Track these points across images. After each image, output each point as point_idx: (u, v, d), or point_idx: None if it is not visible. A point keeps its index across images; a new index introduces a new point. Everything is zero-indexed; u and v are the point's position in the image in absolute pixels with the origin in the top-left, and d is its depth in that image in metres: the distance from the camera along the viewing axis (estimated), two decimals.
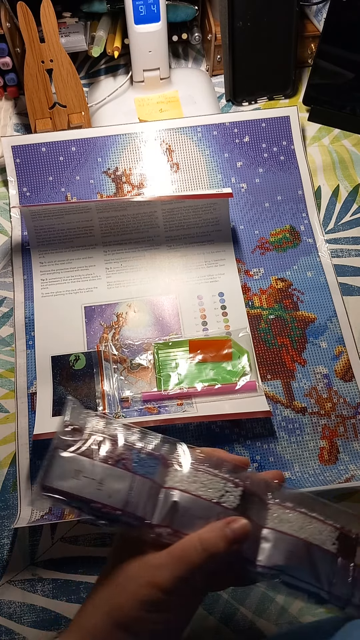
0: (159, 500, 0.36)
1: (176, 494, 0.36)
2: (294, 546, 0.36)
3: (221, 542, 0.34)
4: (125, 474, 0.36)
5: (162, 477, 0.37)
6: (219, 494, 0.37)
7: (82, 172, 0.71)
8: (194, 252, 0.68)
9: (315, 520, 0.38)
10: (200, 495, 0.36)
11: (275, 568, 0.36)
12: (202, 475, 0.37)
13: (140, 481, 0.36)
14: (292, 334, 0.64)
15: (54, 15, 0.65)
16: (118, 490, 0.35)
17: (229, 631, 0.52)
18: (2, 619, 0.52)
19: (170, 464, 0.38)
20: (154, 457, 0.37)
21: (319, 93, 0.76)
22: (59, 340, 0.62)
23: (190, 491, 0.36)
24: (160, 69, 0.75)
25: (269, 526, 0.37)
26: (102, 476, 0.35)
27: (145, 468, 0.37)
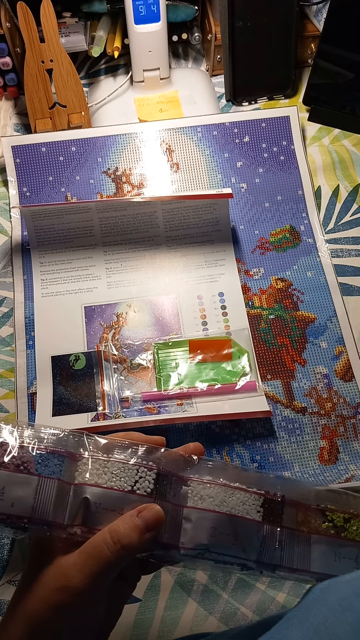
0: (68, 499, 0.34)
1: (86, 489, 0.34)
2: (216, 522, 0.36)
3: (133, 532, 0.33)
4: (27, 478, 0.34)
5: (71, 474, 0.35)
6: (132, 481, 0.35)
7: (82, 172, 0.71)
8: (194, 252, 0.68)
9: (238, 491, 0.37)
10: (112, 486, 0.35)
11: (200, 547, 0.35)
12: (113, 465, 0.35)
13: (46, 482, 0.34)
14: (292, 334, 0.64)
15: (54, 15, 0.65)
16: (22, 497, 0.33)
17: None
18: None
19: (78, 458, 0.36)
20: (59, 453, 0.35)
21: (319, 93, 0.76)
22: (59, 340, 0.62)
23: (101, 484, 0.35)
24: (160, 69, 0.75)
25: (189, 505, 0.36)
26: (2, 485, 0.33)
27: (50, 467, 0.34)
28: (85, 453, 0.36)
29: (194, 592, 0.53)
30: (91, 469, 0.35)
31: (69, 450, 0.36)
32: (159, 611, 0.52)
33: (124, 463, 0.36)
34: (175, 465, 0.37)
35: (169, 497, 0.36)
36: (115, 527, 0.33)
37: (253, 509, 0.37)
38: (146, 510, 0.34)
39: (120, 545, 0.32)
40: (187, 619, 0.52)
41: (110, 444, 0.37)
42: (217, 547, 0.35)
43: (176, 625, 0.52)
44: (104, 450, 0.36)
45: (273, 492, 0.38)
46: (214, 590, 0.53)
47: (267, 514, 0.37)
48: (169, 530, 0.35)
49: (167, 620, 0.52)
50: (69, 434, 0.37)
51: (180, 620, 0.52)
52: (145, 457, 0.36)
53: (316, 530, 0.38)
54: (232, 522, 0.36)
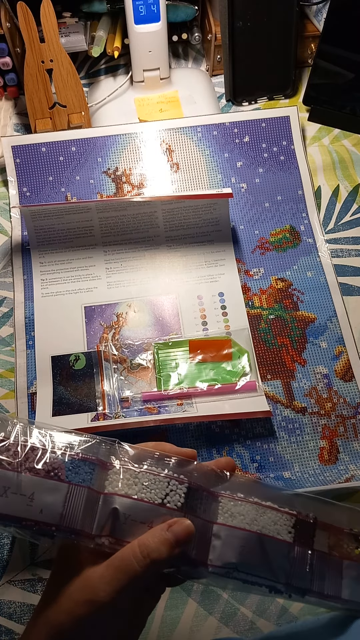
0: (97, 508, 0.34)
1: (116, 499, 0.34)
2: (247, 541, 0.35)
3: (162, 546, 0.32)
4: (58, 485, 0.33)
5: (101, 482, 0.35)
6: (163, 494, 0.34)
7: (82, 172, 0.71)
8: (194, 252, 0.68)
9: (269, 510, 0.36)
10: (142, 498, 0.34)
11: (228, 566, 0.34)
12: (144, 476, 0.35)
13: (76, 490, 0.33)
14: (292, 334, 0.64)
15: (54, 15, 0.65)
16: (51, 504, 0.33)
17: (229, 631, 0.52)
18: (2, 619, 0.52)
19: (109, 467, 0.35)
20: (90, 461, 0.35)
21: (319, 93, 0.76)
22: (59, 340, 0.62)
23: (131, 495, 0.34)
24: (160, 69, 0.75)
25: (219, 522, 0.35)
26: (32, 490, 0.33)
27: (81, 475, 0.34)
28: (116, 462, 0.35)
29: (194, 592, 0.53)
30: (122, 479, 0.35)
31: (100, 459, 0.35)
32: (159, 611, 0.52)
33: (155, 475, 0.35)
34: (207, 480, 0.37)
35: (199, 512, 0.35)
36: (145, 541, 0.33)
37: (284, 529, 0.36)
38: (177, 524, 0.33)
39: (150, 559, 0.32)
40: (187, 619, 0.52)
41: (142, 454, 0.36)
42: (245, 566, 0.35)
43: (176, 625, 0.52)
44: (135, 460, 0.36)
45: (305, 513, 0.37)
46: (214, 590, 0.53)
47: (298, 536, 0.36)
48: (198, 546, 0.34)
49: (167, 620, 0.52)
50: (101, 442, 0.36)
51: (180, 620, 0.52)
52: (176, 470, 0.36)
53: (348, 555, 0.37)
54: (262, 541, 0.35)
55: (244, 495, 0.37)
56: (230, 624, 0.52)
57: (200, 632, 0.52)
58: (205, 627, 0.52)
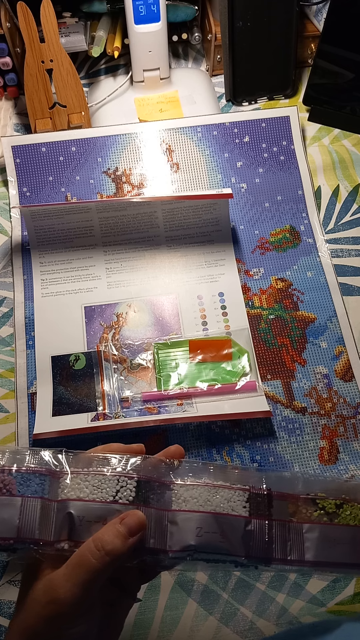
0: (52, 515, 0.35)
1: (69, 504, 0.35)
2: (201, 522, 0.36)
3: (116, 539, 0.33)
4: (10, 500, 0.35)
5: (54, 491, 0.36)
6: (114, 491, 0.36)
7: (82, 172, 0.71)
8: (194, 252, 0.68)
9: (222, 489, 0.37)
10: (94, 498, 0.35)
11: (188, 549, 0.35)
12: (93, 478, 0.36)
13: (29, 502, 0.35)
14: (292, 334, 0.64)
15: (54, 15, 0.65)
16: (6, 519, 0.34)
17: (229, 631, 0.52)
18: (2, 619, 0.52)
19: (59, 475, 0.36)
20: (40, 473, 0.36)
21: (319, 93, 0.76)
22: (59, 340, 0.62)
23: (83, 498, 0.35)
24: (160, 69, 0.75)
25: (173, 508, 0.36)
26: None
27: (32, 487, 0.35)
28: (66, 469, 0.37)
29: (194, 592, 0.53)
30: (72, 484, 0.36)
31: (50, 469, 0.37)
32: (159, 611, 0.52)
33: (104, 475, 0.36)
34: (156, 471, 0.38)
35: (152, 503, 0.36)
36: (99, 536, 0.34)
37: (238, 505, 0.37)
38: (128, 516, 0.34)
39: (105, 552, 0.33)
40: (187, 619, 0.52)
41: (90, 457, 0.37)
42: (204, 547, 0.36)
43: (176, 625, 0.52)
44: (84, 464, 0.37)
45: (258, 486, 0.38)
46: (214, 590, 0.53)
47: (253, 509, 0.37)
48: (156, 535, 0.36)
49: (167, 620, 0.52)
50: (50, 454, 0.37)
51: (180, 620, 0.52)
52: (125, 467, 0.37)
53: (308, 519, 0.38)
54: (218, 520, 0.36)
55: (195, 479, 0.38)
56: (230, 624, 0.52)
57: (200, 632, 0.52)
58: (205, 627, 0.52)
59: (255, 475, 0.39)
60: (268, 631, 0.51)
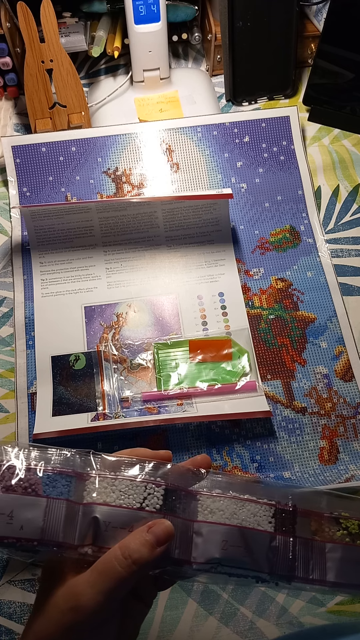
0: (77, 519, 0.34)
1: (95, 508, 0.34)
2: (228, 535, 0.35)
3: (143, 548, 0.33)
4: (36, 500, 0.34)
5: (79, 493, 0.35)
6: (141, 498, 0.35)
7: (82, 172, 0.71)
8: (194, 252, 0.68)
9: (248, 502, 0.37)
10: (121, 504, 0.35)
11: (212, 562, 0.35)
12: (121, 483, 0.35)
13: (55, 504, 0.34)
14: (292, 334, 0.64)
15: (54, 15, 0.65)
16: (31, 520, 0.33)
17: (229, 631, 0.52)
18: (2, 619, 0.52)
19: (86, 478, 0.36)
20: (66, 474, 0.35)
21: (319, 93, 0.76)
22: (59, 340, 0.62)
23: (109, 502, 0.35)
24: (160, 69, 0.75)
25: (199, 519, 0.36)
26: (10, 508, 0.33)
27: (58, 488, 0.35)
28: (93, 472, 0.36)
29: (194, 592, 0.53)
30: (99, 488, 0.35)
31: (77, 470, 0.36)
32: (159, 611, 0.52)
33: (132, 480, 0.35)
34: (184, 480, 0.37)
35: (178, 512, 0.36)
36: (126, 543, 0.33)
37: (264, 520, 0.36)
38: (156, 525, 0.34)
39: (132, 560, 0.32)
40: (187, 619, 0.52)
41: (118, 461, 0.37)
42: (229, 560, 0.35)
43: (176, 625, 0.52)
44: (111, 468, 0.36)
45: (284, 502, 0.37)
46: (214, 590, 0.53)
47: (279, 525, 0.36)
48: (181, 545, 0.35)
49: (167, 620, 0.52)
50: (76, 454, 0.37)
51: (180, 620, 0.52)
52: (152, 474, 0.36)
53: (330, 538, 0.37)
54: (243, 534, 0.36)
55: (221, 491, 0.37)
56: (230, 624, 0.52)
57: (200, 632, 0.52)
58: (205, 627, 0.52)
59: (281, 490, 0.38)
60: (268, 631, 0.51)
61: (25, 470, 0.35)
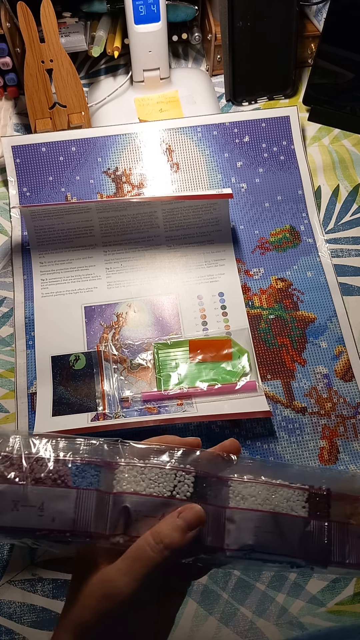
0: (108, 509, 0.34)
1: (125, 498, 0.34)
2: (261, 521, 0.35)
3: (175, 532, 0.33)
4: (66, 492, 0.34)
5: (109, 483, 0.35)
6: (171, 486, 0.35)
7: (82, 172, 0.71)
8: (194, 252, 0.68)
9: (281, 487, 0.36)
10: (151, 493, 0.34)
11: (245, 548, 0.35)
12: (150, 471, 0.35)
13: (85, 494, 0.34)
14: (292, 334, 0.64)
15: (54, 15, 0.65)
16: (62, 511, 0.33)
17: (229, 631, 0.52)
18: (2, 619, 0.52)
19: (115, 467, 0.35)
20: (95, 464, 0.35)
21: (319, 93, 0.76)
22: (59, 340, 0.62)
23: (139, 492, 0.35)
24: (160, 69, 0.75)
25: (231, 506, 0.35)
26: (41, 500, 0.33)
27: (87, 479, 0.34)
28: (122, 460, 0.36)
29: (194, 592, 0.53)
30: (128, 477, 0.35)
31: (105, 460, 0.36)
32: None
33: (161, 468, 0.35)
34: (214, 466, 0.37)
35: (210, 499, 0.35)
36: (157, 529, 0.33)
37: (298, 505, 0.36)
38: (186, 510, 0.34)
39: (163, 545, 0.32)
40: (187, 619, 0.52)
41: (146, 449, 0.36)
42: (263, 546, 0.35)
43: (176, 625, 0.52)
44: (139, 456, 0.36)
45: (318, 486, 0.37)
46: (214, 590, 0.53)
47: (313, 509, 0.36)
48: (213, 533, 0.35)
49: None
50: (104, 443, 0.36)
51: (180, 620, 0.52)
52: (182, 461, 0.36)
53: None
54: (277, 520, 0.35)
55: (253, 476, 0.37)
56: (230, 624, 0.52)
57: (200, 632, 0.52)
58: (205, 627, 0.52)
59: (314, 474, 0.38)
60: (268, 631, 0.52)
61: (54, 462, 0.35)
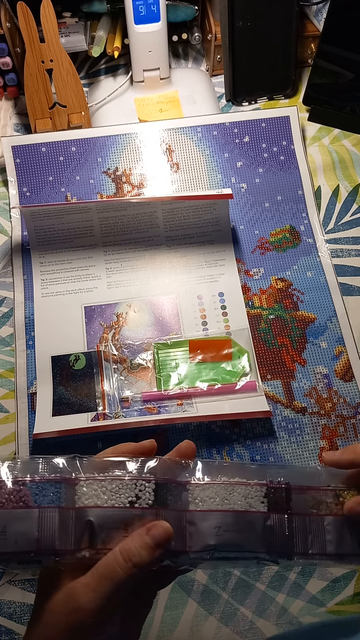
0: (71, 524, 0.34)
1: (88, 512, 0.34)
2: (220, 521, 0.35)
3: (143, 551, 0.33)
4: (27, 512, 0.34)
5: (70, 499, 0.35)
6: (132, 495, 0.35)
7: (82, 172, 0.71)
8: (194, 252, 0.68)
9: (239, 485, 0.37)
10: (113, 504, 0.35)
11: (207, 549, 0.35)
12: (110, 484, 0.35)
13: (47, 512, 0.34)
14: (292, 334, 0.64)
15: (54, 15, 0.65)
16: (24, 532, 0.33)
17: (229, 631, 0.52)
18: (2, 619, 0.52)
19: (75, 482, 0.35)
20: (55, 481, 0.35)
21: (319, 93, 0.76)
22: (59, 340, 0.62)
23: (101, 504, 0.35)
24: (160, 69, 0.75)
25: (190, 509, 0.36)
26: (2, 524, 0.33)
27: (48, 497, 0.34)
28: (81, 475, 0.36)
29: (194, 592, 0.53)
30: (89, 491, 0.35)
31: (64, 476, 0.36)
32: (159, 611, 0.52)
33: (121, 479, 0.35)
34: (172, 472, 0.37)
35: (171, 504, 0.36)
36: (126, 547, 0.33)
37: (256, 501, 0.36)
38: (154, 527, 0.34)
39: (132, 563, 0.33)
40: (187, 619, 0.52)
41: (104, 462, 0.37)
42: (224, 545, 0.35)
43: (176, 625, 0.52)
44: (98, 469, 0.36)
45: (276, 480, 0.37)
46: (214, 590, 0.53)
47: (272, 504, 0.36)
48: (176, 537, 0.35)
49: (167, 620, 0.52)
50: (61, 459, 0.37)
51: (180, 620, 0.52)
52: (140, 470, 0.36)
53: (329, 512, 0.37)
54: (236, 518, 0.36)
55: (211, 478, 0.37)
56: (230, 624, 0.52)
57: (200, 632, 0.52)
58: (205, 627, 0.52)
59: (273, 470, 0.38)
60: (268, 631, 0.52)
61: (13, 483, 0.34)
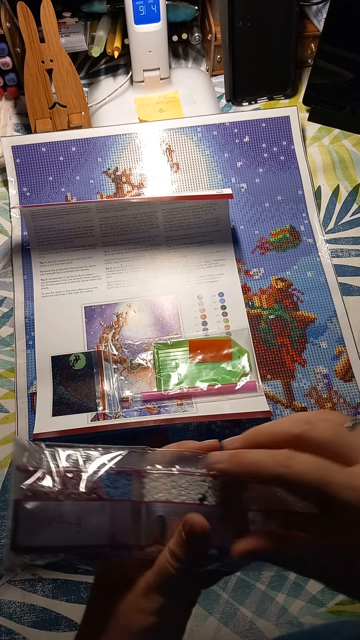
0: (142, 518, 0.33)
1: (159, 507, 0.33)
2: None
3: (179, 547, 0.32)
4: (100, 505, 0.33)
5: (139, 492, 0.34)
6: (201, 492, 0.34)
7: (82, 172, 0.71)
8: (194, 252, 0.68)
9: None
10: (184, 500, 0.34)
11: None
12: (180, 478, 0.34)
13: (119, 506, 0.33)
14: (292, 334, 0.64)
15: (54, 15, 0.65)
16: (98, 525, 0.32)
17: (229, 631, 0.52)
18: (2, 619, 0.52)
19: (143, 475, 0.34)
20: (125, 473, 0.34)
21: (319, 93, 0.76)
22: (59, 340, 0.62)
23: (172, 500, 0.34)
24: (160, 69, 0.75)
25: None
26: (77, 516, 0.32)
27: (120, 489, 0.33)
28: (149, 468, 0.35)
29: None
30: (159, 485, 0.34)
31: (134, 468, 0.34)
32: None
33: (191, 475, 0.34)
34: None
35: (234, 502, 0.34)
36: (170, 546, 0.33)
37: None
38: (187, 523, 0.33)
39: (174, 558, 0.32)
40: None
41: (172, 456, 0.36)
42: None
43: None
44: (166, 463, 0.35)
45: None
46: (214, 590, 0.53)
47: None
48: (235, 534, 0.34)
49: None
50: (131, 451, 0.35)
51: None
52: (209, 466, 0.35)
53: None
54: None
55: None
56: (230, 624, 0.52)
57: (200, 632, 0.52)
58: (205, 627, 0.52)
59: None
60: (268, 631, 0.52)
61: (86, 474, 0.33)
